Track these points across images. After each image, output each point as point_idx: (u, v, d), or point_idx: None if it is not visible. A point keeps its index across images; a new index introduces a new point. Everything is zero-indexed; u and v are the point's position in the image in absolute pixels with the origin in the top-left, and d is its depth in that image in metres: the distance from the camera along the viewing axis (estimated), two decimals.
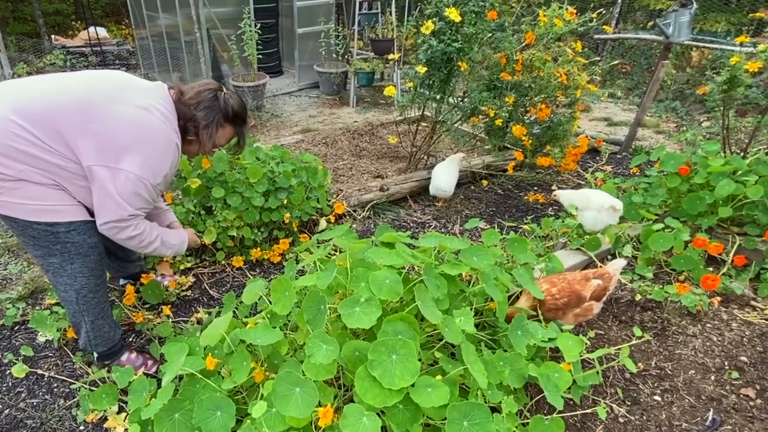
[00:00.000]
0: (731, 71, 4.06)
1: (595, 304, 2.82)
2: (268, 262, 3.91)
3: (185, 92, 2.56)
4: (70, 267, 2.50)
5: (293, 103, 8.42)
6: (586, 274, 2.88)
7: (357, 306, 2.12)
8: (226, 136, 2.72)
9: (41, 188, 2.26)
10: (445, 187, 4.73)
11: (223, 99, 2.60)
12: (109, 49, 10.56)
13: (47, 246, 2.41)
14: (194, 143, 2.65)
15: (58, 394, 2.82)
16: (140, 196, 2.39)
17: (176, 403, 2.10)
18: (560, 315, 2.79)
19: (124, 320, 3.26)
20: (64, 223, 2.37)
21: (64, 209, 2.36)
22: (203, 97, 2.55)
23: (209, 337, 2.24)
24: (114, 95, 2.35)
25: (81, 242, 2.46)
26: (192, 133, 2.58)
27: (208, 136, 2.60)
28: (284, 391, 1.94)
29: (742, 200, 3.64)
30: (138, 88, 2.47)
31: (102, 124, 2.26)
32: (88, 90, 2.33)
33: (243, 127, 2.77)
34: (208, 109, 2.55)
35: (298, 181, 3.97)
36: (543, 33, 4.76)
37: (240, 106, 2.68)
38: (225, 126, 2.65)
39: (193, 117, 2.53)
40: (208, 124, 2.56)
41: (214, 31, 7.70)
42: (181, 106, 2.53)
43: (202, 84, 2.61)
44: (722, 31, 8.91)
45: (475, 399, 2.12)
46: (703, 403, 2.72)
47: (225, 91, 2.64)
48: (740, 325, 3.26)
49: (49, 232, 2.36)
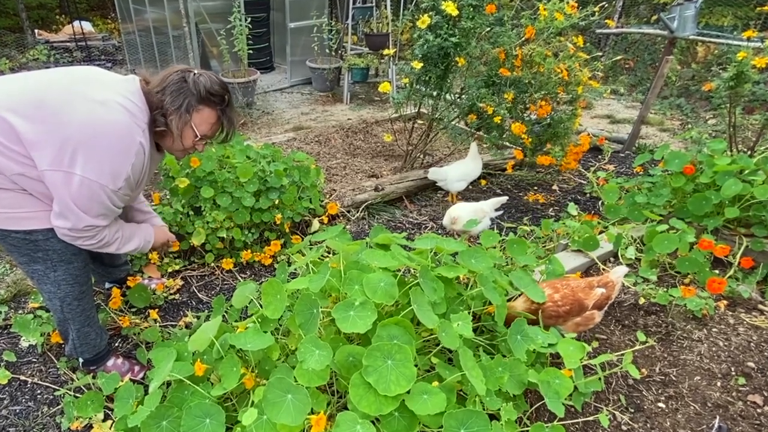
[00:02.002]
0: (738, 67, 4.07)
1: (597, 314, 2.81)
2: (259, 265, 3.91)
3: (150, 81, 2.39)
4: (54, 274, 2.49)
5: (285, 100, 8.41)
6: (590, 282, 2.87)
7: (352, 310, 2.12)
8: (207, 122, 2.44)
9: (13, 195, 2.22)
10: (443, 175, 4.80)
11: (192, 79, 2.35)
12: (94, 44, 10.52)
13: (29, 254, 2.40)
14: (168, 135, 2.41)
15: (42, 401, 2.81)
16: (99, 203, 2.25)
17: (164, 410, 2.09)
18: (560, 322, 2.78)
19: (109, 324, 3.25)
20: (41, 230, 2.33)
21: (40, 216, 2.30)
22: (169, 80, 2.34)
23: (198, 342, 2.23)
24: (71, 90, 2.21)
25: (62, 249, 2.43)
26: (162, 123, 2.36)
27: (181, 123, 2.36)
28: (275, 397, 1.94)
29: (749, 200, 3.66)
30: (102, 81, 2.33)
31: (53, 124, 2.13)
32: (45, 87, 2.22)
33: (225, 107, 2.47)
34: (176, 93, 2.33)
35: (289, 180, 3.97)
36: (543, 27, 4.76)
37: (213, 82, 2.40)
38: (201, 109, 2.39)
39: (160, 104, 2.33)
40: (177, 108, 2.33)
41: (203, 26, 7.69)
42: (149, 96, 2.34)
43: (169, 69, 2.41)
44: (729, 26, 8.94)
45: (473, 406, 2.12)
46: (708, 410, 2.73)
47: (196, 71, 2.39)
48: (747, 329, 3.27)
49: (28, 240, 2.34)
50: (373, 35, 8.38)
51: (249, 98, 7.68)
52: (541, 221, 4.20)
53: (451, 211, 3.98)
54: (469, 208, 3.97)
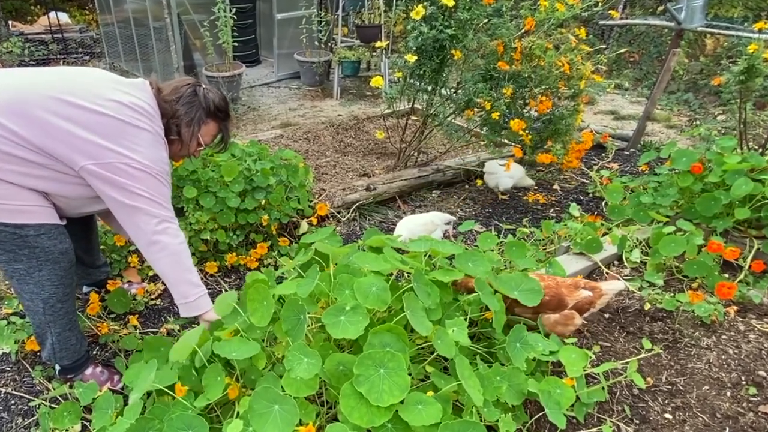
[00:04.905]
0: (749, 60, 4.08)
1: (577, 316, 2.81)
2: (245, 268, 3.90)
3: (162, 89, 2.59)
4: (38, 274, 2.48)
5: (272, 95, 8.41)
6: (576, 281, 2.88)
7: (342, 315, 2.13)
8: (211, 133, 2.77)
9: (8, 185, 2.25)
10: (495, 168, 4.98)
11: (203, 93, 2.65)
12: (71, 36, 10.52)
13: (13, 250, 2.39)
14: (176, 143, 2.68)
15: (16, 411, 2.80)
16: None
17: (144, 422, 2.09)
18: (536, 311, 2.78)
19: (87, 331, 3.24)
20: (33, 225, 2.36)
21: (35, 210, 2.35)
22: (182, 92, 2.60)
23: (179, 351, 2.23)
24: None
25: (51, 248, 2.44)
26: (175, 132, 2.62)
27: (190, 134, 2.65)
28: (262, 408, 1.94)
29: (761, 201, 3.66)
30: (121, 82, 2.51)
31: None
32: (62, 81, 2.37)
33: (227, 122, 2.82)
34: (189, 105, 2.61)
35: (277, 180, 3.96)
36: (544, 18, 4.76)
37: (221, 99, 2.73)
38: (208, 122, 2.70)
39: (174, 113, 2.58)
40: (190, 120, 2.62)
41: (185, 17, 7.69)
42: (162, 104, 2.55)
43: (179, 80, 2.68)
44: (739, 17, 8.97)
45: (470, 417, 2.12)
46: (718, 421, 2.73)
47: (204, 86, 2.68)
48: (758, 336, 3.28)
49: (17, 235, 2.34)
50: (364, 27, 8.40)
51: (234, 93, 7.68)
52: (541, 222, 4.21)
53: (400, 227, 3.94)
54: (419, 221, 3.97)
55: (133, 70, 8.78)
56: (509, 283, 2.63)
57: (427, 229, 3.84)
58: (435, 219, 4.00)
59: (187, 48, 7.94)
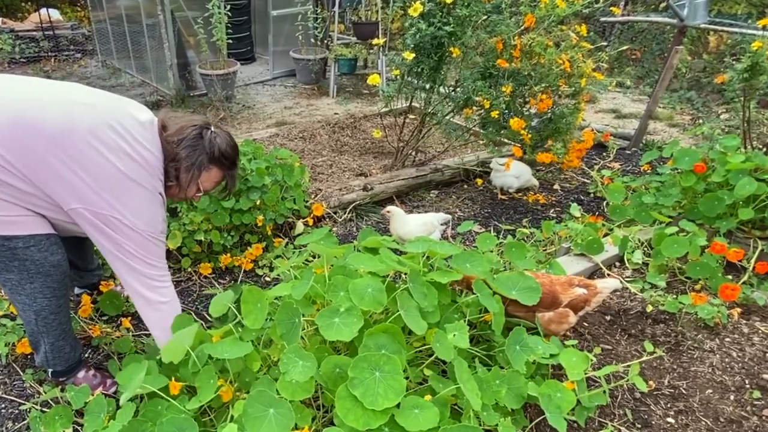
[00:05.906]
0: (753, 58, 4.08)
1: (572, 314, 2.81)
2: (239, 270, 3.90)
3: (168, 127, 2.48)
4: (30, 286, 2.45)
5: (267, 93, 8.41)
6: (571, 279, 2.89)
7: (336, 316, 2.13)
8: (213, 180, 2.64)
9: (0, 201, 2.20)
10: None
11: (209, 138, 2.51)
12: (62, 33, 10.52)
13: (3, 262, 2.34)
14: (174, 187, 2.56)
15: (6, 415, 2.79)
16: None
17: (136, 426, 2.09)
18: (526, 309, 2.79)
19: (79, 334, 3.22)
20: (22, 236, 2.29)
21: (23, 221, 2.28)
22: (187, 134, 2.46)
23: (172, 352, 2.23)
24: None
25: (41, 260, 2.39)
26: (173, 176, 2.50)
27: (189, 178, 2.51)
28: (257, 412, 1.94)
29: (765, 201, 3.66)
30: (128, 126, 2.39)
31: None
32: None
33: (233, 171, 2.68)
34: (191, 149, 2.46)
35: (272, 179, 3.95)
36: (544, 15, 4.76)
37: (229, 145, 2.58)
38: (210, 168, 2.56)
39: (175, 156, 2.45)
40: (190, 165, 2.47)
41: (179, 14, 7.69)
42: (165, 145, 2.45)
43: (188, 119, 2.54)
44: (742, 14, 8.97)
45: (469, 421, 2.12)
46: (721, 425, 2.73)
47: (212, 129, 2.54)
48: (763, 339, 3.28)
49: (6, 247, 2.29)
50: (361, 24, 8.41)
51: (228, 91, 7.68)
52: (541, 223, 4.21)
53: (398, 228, 3.94)
54: (418, 221, 3.96)
55: (126, 68, 8.78)
56: (507, 283, 2.63)
57: (426, 230, 3.84)
58: (433, 219, 4.00)
59: (180, 45, 7.93)
